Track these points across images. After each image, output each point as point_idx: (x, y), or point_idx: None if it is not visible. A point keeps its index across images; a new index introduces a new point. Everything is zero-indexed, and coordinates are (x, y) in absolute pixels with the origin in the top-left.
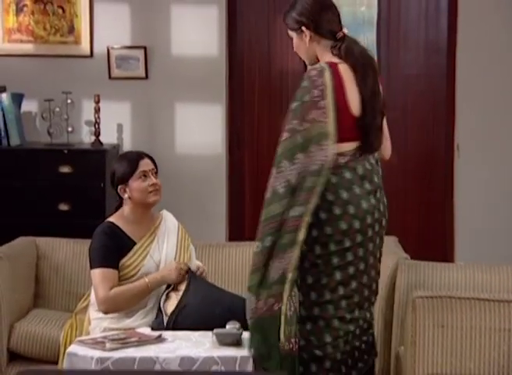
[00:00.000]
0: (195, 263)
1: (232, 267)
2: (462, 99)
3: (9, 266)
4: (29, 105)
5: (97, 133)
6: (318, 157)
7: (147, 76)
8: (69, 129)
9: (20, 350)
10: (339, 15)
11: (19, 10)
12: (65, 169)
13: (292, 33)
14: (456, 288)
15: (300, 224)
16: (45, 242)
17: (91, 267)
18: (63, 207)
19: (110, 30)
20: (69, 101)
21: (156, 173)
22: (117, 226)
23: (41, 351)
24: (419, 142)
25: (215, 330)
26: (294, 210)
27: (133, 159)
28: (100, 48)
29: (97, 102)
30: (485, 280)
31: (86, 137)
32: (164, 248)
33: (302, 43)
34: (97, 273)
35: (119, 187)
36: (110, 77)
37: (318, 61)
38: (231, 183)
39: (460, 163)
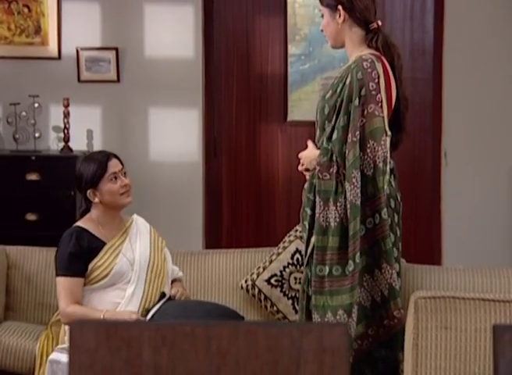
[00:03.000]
0: (172, 267)
1: (209, 275)
2: (449, 104)
3: None
4: None
5: (66, 139)
6: (380, 153)
7: (118, 80)
8: (37, 134)
9: None
10: (375, 6)
11: None
12: (32, 177)
13: (324, 10)
14: (456, 291)
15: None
16: (16, 251)
17: (56, 274)
18: (31, 217)
19: (79, 31)
20: (36, 105)
21: (125, 172)
22: (85, 230)
23: (15, 364)
24: (405, 150)
25: None
26: (376, 217)
27: (102, 161)
28: (68, 50)
29: (66, 107)
30: (484, 283)
31: (54, 144)
32: (137, 248)
33: (333, 23)
34: (61, 282)
35: (89, 191)
36: (79, 80)
37: (342, 46)
38: (208, 191)
39: (448, 171)
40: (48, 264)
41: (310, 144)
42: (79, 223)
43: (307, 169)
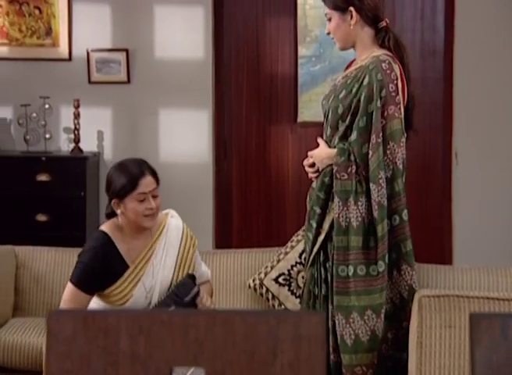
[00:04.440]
0: (200, 273)
1: (217, 275)
2: (460, 104)
3: None
4: (4, 111)
5: (76, 140)
6: (400, 154)
7: (129, 81)
8: (47, 136)
9: None
10: (383, 4)
11: None
12: (42, 178)
13: (332, 13)
14: (462, 290)
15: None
16: (25, 251)
17: (70, 278)
18: (41, 218)
19: (90, 32)
20: (46, 106)
21: (157, 191)
22: (112, 243)
23: (22, 361)
24: (415, 149)
25: None
26: (395, 219)
27: (134, 177)
28: (79, 51)
29: (77, 108)
30: (491, 282)
31: (64, 145)
32: (159, 273)
33: (345, 25)
34: (70, 289)
35: (114, 200)
36: (90, 82)
37: (352, 48)
38: (218, 192)
39: (459, 172)
40: (56, 264)
41: (321, 142)
42: (107, 229)
43: (311, 166)
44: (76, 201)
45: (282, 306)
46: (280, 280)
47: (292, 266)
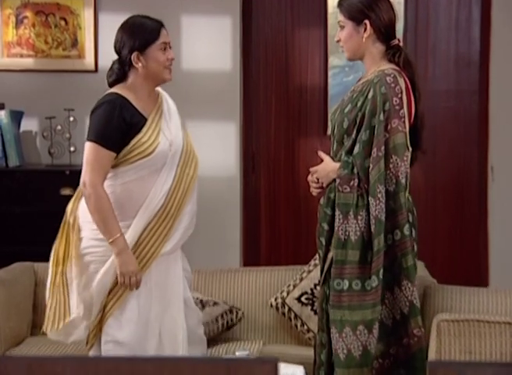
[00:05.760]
0: None
1: (239, 294)
2: (496, 117)
3: (4, 292)
4: (29, 124)
5: None
6: (403, 168)
7: None
8: (72, 149)
9: None
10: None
11: (19, 22)
12: (67, 192)
13: (346, 22)
14: (486, 313)
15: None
16: (44, 268)
17: (88, 139)
18: None
19: None
20: (71, 118)
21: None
22: (126, 100)
23: None
24: (449, 164)
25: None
26: (396, 233)
27: (155, 28)
28: (105, 63)
29: None
30: None
31: None
32: (172, 127)
33: (357, 36)
34: (93, 149)
35: (134, 54)
36: None
37: (360, 59)
38: (245, 207)
39: (495, 187)
40: None
41: (325, 157)
42: (116, 90)
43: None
44: None
45: (305, 326)
46: (303, 299)
47: (315, 285)
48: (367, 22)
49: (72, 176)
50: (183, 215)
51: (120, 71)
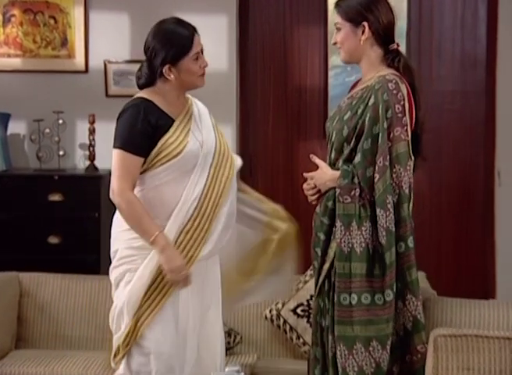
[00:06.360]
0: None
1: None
2: (503, 119)
3: None
4: (16, 126)
5: (91, 158)
6: (406, 178)
7: None
8: (61, 152)
9: None
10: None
11: (6, 21)
12: (55, 198)
13: (344, 23)
14: (488, 327)
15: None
16: (29, 278)
17: (114, 146)
18: (53, 240)
19: (107, 43)
20: (60, 121)
21: (202, 50)
22: (152, 103)
23: None
24: (454, 169)
25: (213, 374)
26: (400, 246)
27: (188, 36)
28: (96, 63)
29: (92, 123)
30: None
31: (79, 162)
32: (203, 128)
33: (354, 39)
34: (119, 156)
35: (166, 67)
36: (107, 95)
37: (357, 63)
38: None
39: (502, 192)
40: (62, 292)
41: (322, 163)
42: (143, 95)
43: (312, 188)
44: (90, 222)
45: (301, 339)
46: (298, 311)
47: (311, 296)
48: (365, 24)
49: (61, 182)
50: (220, 216)
51: (150, 77)
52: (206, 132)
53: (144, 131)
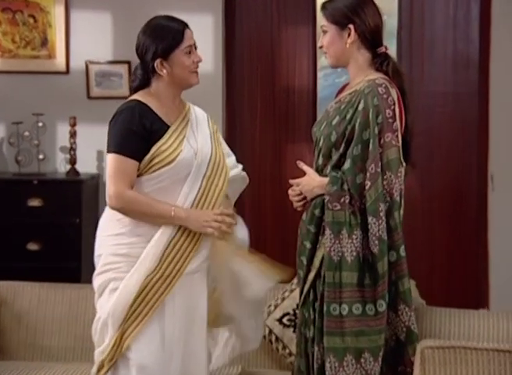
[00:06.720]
0: (234, 162)
1: None
2: (497, 122)
3: None
4: None
5: (72, 162)
6: (397, 185)
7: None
8: (41, 156)
9: None
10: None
11: None
12: (34, 203)
13: (329, 26)
14: (478, 338)
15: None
16: (6, 286)
17: (108, 150)
18: (32, 247)
19: (89, 43)
20: (40, 124)
21: (196, 47)
22: (147, 106)
23: None
24: (446, 172)
25: None
26: (392, 255)
27: (178, 29)
28: (77, 63)
29: (73, 125)
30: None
31: (60, 166)
32: (199, 136)
33: (340, 42)
34: (113, 160)
35: (157, 61)
36: (88, 97)
37: (344, 67)
38: None
39: (495, 197)
40: (40, 301)
41: (309, 169)
42: (137, 97)
43: (298, 194)
44: (71, 228)
45: (287, 350)
46: (284, 320)
47: (298, 305)
48: (351, 27)
49: (40, 186)
50: None
51: (143, 77)
52: (202, 140)
53: (139, 134)
